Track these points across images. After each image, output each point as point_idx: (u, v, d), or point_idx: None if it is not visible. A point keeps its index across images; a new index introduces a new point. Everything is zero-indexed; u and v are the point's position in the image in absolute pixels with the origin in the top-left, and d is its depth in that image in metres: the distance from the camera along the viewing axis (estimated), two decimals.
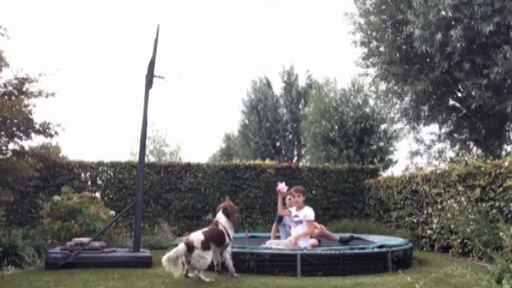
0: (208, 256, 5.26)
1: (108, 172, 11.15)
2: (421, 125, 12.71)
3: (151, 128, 25.82)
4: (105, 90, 46.35)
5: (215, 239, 5.38)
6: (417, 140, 13.02)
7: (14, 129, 8.06)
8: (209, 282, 5.11)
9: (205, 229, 5.57)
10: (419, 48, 10.06)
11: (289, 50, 44.03)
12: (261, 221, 11.36)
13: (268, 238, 7.56)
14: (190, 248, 5.17)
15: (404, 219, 9.53)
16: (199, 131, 47.95)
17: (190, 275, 5.36)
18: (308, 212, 6.27)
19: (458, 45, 9.49)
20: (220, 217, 5.62)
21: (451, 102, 12.10)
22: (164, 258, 5.14)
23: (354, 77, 16.12)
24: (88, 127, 43.76)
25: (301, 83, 23.77)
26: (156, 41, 6.92)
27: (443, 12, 9.81)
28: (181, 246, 5.18)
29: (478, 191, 7.27)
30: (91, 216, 7.97)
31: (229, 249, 5.57)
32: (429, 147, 12.82)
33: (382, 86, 12.78)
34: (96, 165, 11.10)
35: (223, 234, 5.48)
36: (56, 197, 8.19)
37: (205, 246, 5.23)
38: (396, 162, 16.39)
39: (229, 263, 5.51)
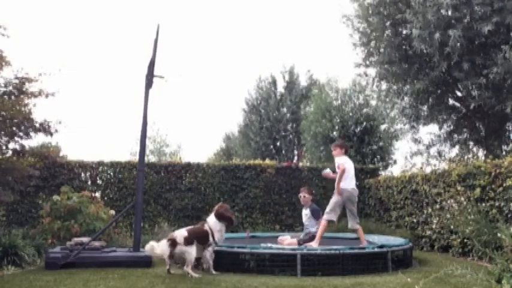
0: (192, 251, 5.51)
1: (108, 172, 11.15)
2: (421, 125, 12.72)
3: (152, 127, 25.87)
4: (105, 90, 46.38)
5: (198, 237, 5.65)
6: (416, 140, 13.04)
7: (14, 128, 8.06)
8: (198, 278, 5.31)
9: (191, 227, 5.92)
10: (418, 48, 10.06)
11: (291, 50, 44.08)
12: (261, 221, 11.37)
13: (269, 238, 7.62)
14: (173, 243, 5.50)
15: (404, 219, 9.53)
16: (199, 131, 47.99)
17: (172, 271, 5.60)
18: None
19: (458, 45, 9.49)
20: (210, 219, 5.88)
21: (451, 102, 12.11)
22: (148, 247, 5.66)
23: (354, 77, 16.14)
24: (88, 127, 43.78)
25: (303, 82, 23.79)
26: (156, 41, 6.92)
27: (443, 12, 9.81)
28: (164, 243, 5.57)
29: (478, 190, 7.26)
30: (91, 216, 7.97)
31: (210, 249, 5.76)
32: (428, 147, 12.83)
33: (382, 85, 12.78)
34: (96, 165, 11.11)
35: (207, 235, 5.72)
36: (56, 197, 8.18)
37: (188, 241, 5.52)
38: (396, 162, 16.40)
39: (209, 262, 5.75)
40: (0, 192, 8.12)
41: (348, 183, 6.72)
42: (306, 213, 7.22)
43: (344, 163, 6.74)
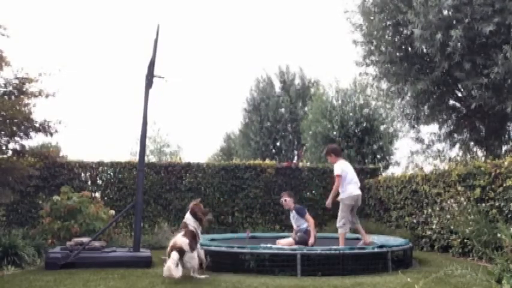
0: (195, 255, 5.44)
1: (108, 172, 11.15)
2: (421, 125, 12.72)
3: (152, 127, 25.90)
4: (105, 90, 46.42)
5: (194, 240, 5.53)
6: (416, 140, 13.03)
7: (15, 128, 8.06)
8: (205, 278, 5.29)
9: (182, 232, 5.59)
10: (419, 48, 10.06)
11: (290, 49, 44.10)
12: (261, 221, 11.36)
13: (269, 238, 7.63)
14: (181, 252, 5.30)
15: (404, 219, 9.53)
16: (199, 131, 48.05)
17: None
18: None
19: (459, 45, 9.49)
20: (188, 218, 5.71)
21: (451, 102, 12.10)
22: (166, 270, 5.16)
23: (355, 77, 16.14)
24: (88, 127, 43.82)
25: (299, 82, 23.77)
26: (156, 41, 6.92)
27: (445, 12, 9.80)
28: (175, 255, 5.23)
29: (478, 191, 7.26)
30: (91, 216, 7.97)
31: (199, 247, 5.67)
32: (428, 146, 12.82)
33: (383, 85, 12.78)
34: (96, 165, 11.11)
35: (196, 234, 5.62)
36: (56, 197, 8.19)
37: (192, 247, 5.40)
38: (397, 162, 16.39)
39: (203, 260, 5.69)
40: (0, 192, 8.12)
41: (353, 188, 6.49)
42: (293, 215, 7.30)
43: (342, 170, 6.50)
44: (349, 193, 6.47)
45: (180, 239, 5.45)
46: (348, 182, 6.50)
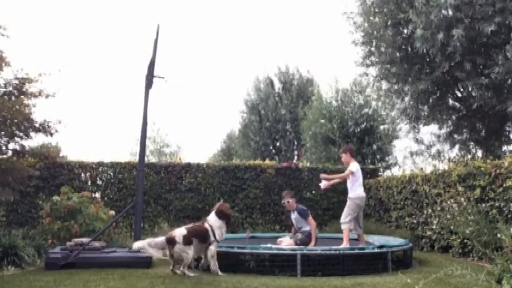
0: (190, 251, 5.51)
1: (108, 172, 11.15)
2: (421, 125, 12.72)
3: (152, 128, 25.89)
4: (105, 90, 46.42)
5: (198, 235, 5.62)
6: (416, 140, 13.03)
7: (14, 129, 8.06)
8: (194, 276, 5.36)
9: (190, 225, 5.88)
10: (420, 48, 10.05)
11: (290, 49, 44.10)
12: (261, 221, 11.36)
13: (269, 238, 7.63)
14: (172, 242, 5.48)
15: (404, 220, 9.52)
16: (199, 131, 48.08)
17: (177, 271, 5.58)
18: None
19: (459, 45, 9.47)
20: (211, 217, 5.87)
21: (451, 102, 12.10)
22: (143, 243, 5.70)
23: (355, 77, 16.13)
24: (88, 127, 43.84)
25: (297, 83, 23.71)
26: (156, 41, 6.92)
27: (444, 12, 9.79)
28: (161, 239, 5.62)
29: (478, 191, 7.25)
30: (91, 216, 7.97)
31: (212, 247, 5.69)
32: (428, 147, 12.82)
33: (383, 85, 12.77)
34: (96, 165, 11.11)
35: (207, 232, 5.69)
36: (56, 197, 8.18)
37: (186, 241, 5.50)
38: (396, 163, 16.38)
39: (211, 261, 5.69)
40: (0, 192, 8.12)
41: (361, 190, 6.91)
42: (294, 217, 7.24)
43: (357, 170, 6.91)
44: (358, 193, 6.85)
45: (180, 229, 5.67)
46: (358, 183, 6.90)
